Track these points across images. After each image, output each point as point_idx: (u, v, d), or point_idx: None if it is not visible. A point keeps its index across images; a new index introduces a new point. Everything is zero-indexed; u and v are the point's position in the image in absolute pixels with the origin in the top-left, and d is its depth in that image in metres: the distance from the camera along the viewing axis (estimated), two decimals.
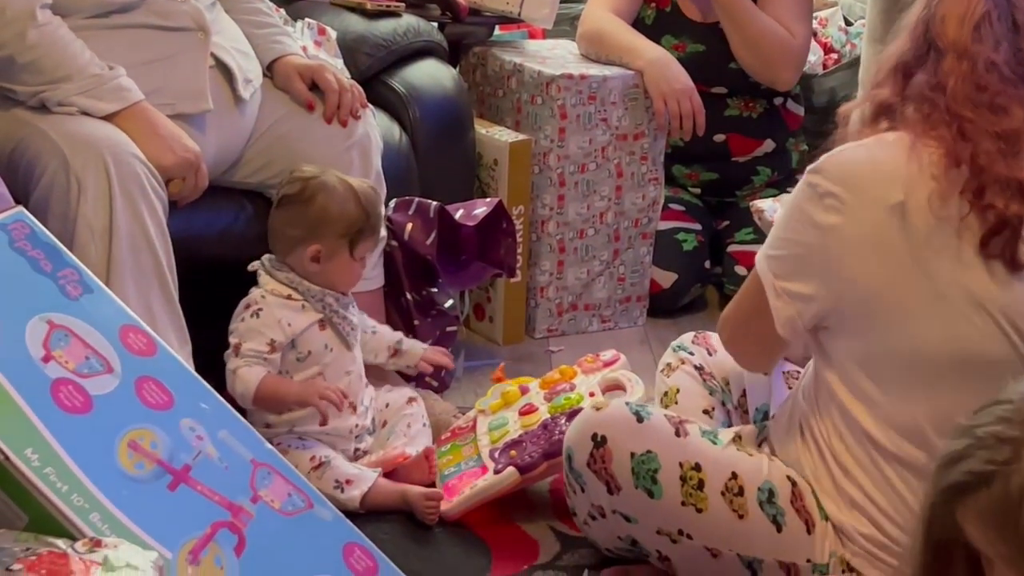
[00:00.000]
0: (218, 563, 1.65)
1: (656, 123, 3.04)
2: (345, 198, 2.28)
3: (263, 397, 2.22)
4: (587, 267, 3.10)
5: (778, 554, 1.76)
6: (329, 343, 2.29)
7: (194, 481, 1.70)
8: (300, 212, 2.27)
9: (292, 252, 2.28)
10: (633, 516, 1.81)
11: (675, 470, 1.78)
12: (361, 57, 2.85)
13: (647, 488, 1.78)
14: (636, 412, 1.84)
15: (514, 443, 2.26)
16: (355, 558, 1.81)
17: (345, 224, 2.27)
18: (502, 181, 2.96)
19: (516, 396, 2.41)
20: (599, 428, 1.83)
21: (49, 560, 1.43)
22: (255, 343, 2.23)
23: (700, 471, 1.78)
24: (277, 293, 2.27)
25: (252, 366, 2.22)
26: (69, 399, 1.65)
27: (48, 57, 2.16)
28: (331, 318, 2.29)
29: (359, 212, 2.28)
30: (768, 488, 1.78)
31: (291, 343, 2.26)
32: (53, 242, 1.81)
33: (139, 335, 1.80)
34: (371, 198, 2.32)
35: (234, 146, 2.45)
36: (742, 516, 1.77)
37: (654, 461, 1.78)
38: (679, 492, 1.77)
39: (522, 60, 3.07)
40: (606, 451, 1.81)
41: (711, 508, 1.77)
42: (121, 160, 2.12)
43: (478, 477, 2.23)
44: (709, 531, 1.77)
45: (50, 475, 1.55)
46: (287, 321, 2.25)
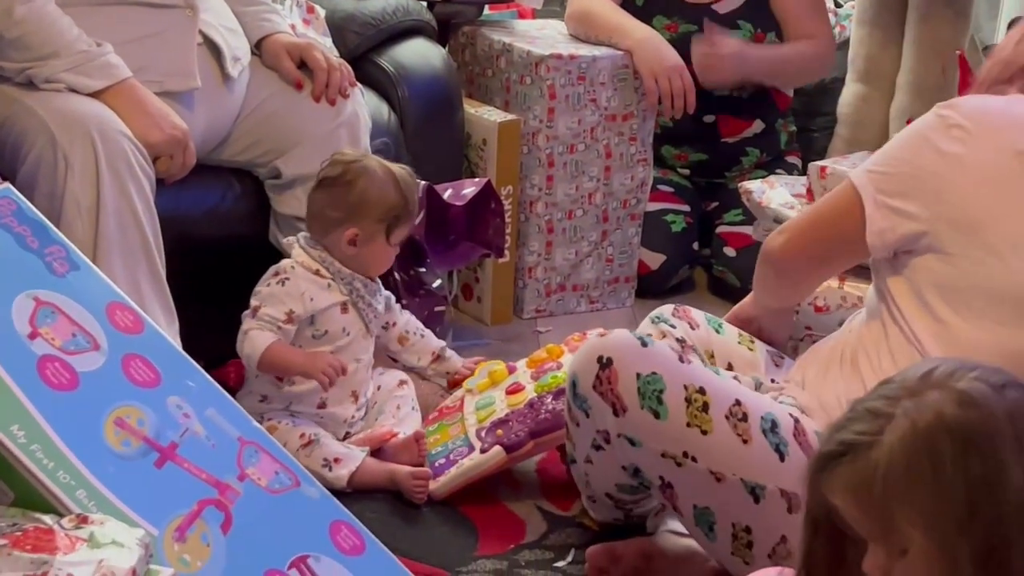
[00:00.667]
0: (204, 540, 1.64)
1: (647, 102, 3.04)
2: (385, 183, 2.29)
3: (268, 361, 2.22)
4: (575, 248, 3.10)
5: (781, 482, 1.76)
6: (348, 327, 2.29)
7: (181, 459, 1.69)
8: (341, 195, 2.28)
9: (330, 234, 2.29)
10: (638, 439, 1.81)
11: (680, 391, 1.79)
12: (350, 36, 2.84)
13: (653, 409, 1.78)
14: (640, 338, 1.85)
15: (500, 422, 2.26)
16: (342, 536, 1.81)
17: (384, 209, 2.28)
18: (491, 161, 2.96)
19: (504, 375, 2.41)
20: (605, 351, 1.83)
21: (35, 536, 1.43)
22: (274, 309, 2.23)
23: (704, 394, 1.79)
24: (307, 266, 2.28)
25: (264, 330, 2.22)
26: (55, 376, 1.64)
27: (35, 33, 2.15)
28: (356, 303, 2.29)
29: (398, 197, 2.29)
30: (771, 419, 1.80)
31: (310, 319, 2.27)
32: (40, 219, 1.81)
33: (126, 312, 1.80)
34: (409, 184, 2.33)
35: (222, 124, 2.44)
36: (746, 441, 1.77)
37: (659, 382, 1.79)
38: (684, 413, 1.78)
39: (511, 40, 3.06)
40: (612, 372, 1.81)
41: (716, 431, 1.77)
42: (108, 137, 2.11)
43: (465, 457, 2.23)
44: (714, 454, 1.78)
45: (36, 452, 1.55)
46: (310, 295, 2.26)
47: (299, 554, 1.74)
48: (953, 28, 3.52)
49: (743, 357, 2.13)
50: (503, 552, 2.09)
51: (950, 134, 1.80)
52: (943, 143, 1.80)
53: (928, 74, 3.44)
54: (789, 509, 1.77)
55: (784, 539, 1.78)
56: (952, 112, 1.82)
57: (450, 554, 2.08)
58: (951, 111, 1.82)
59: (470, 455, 2.23)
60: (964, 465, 1.10)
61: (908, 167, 1.83)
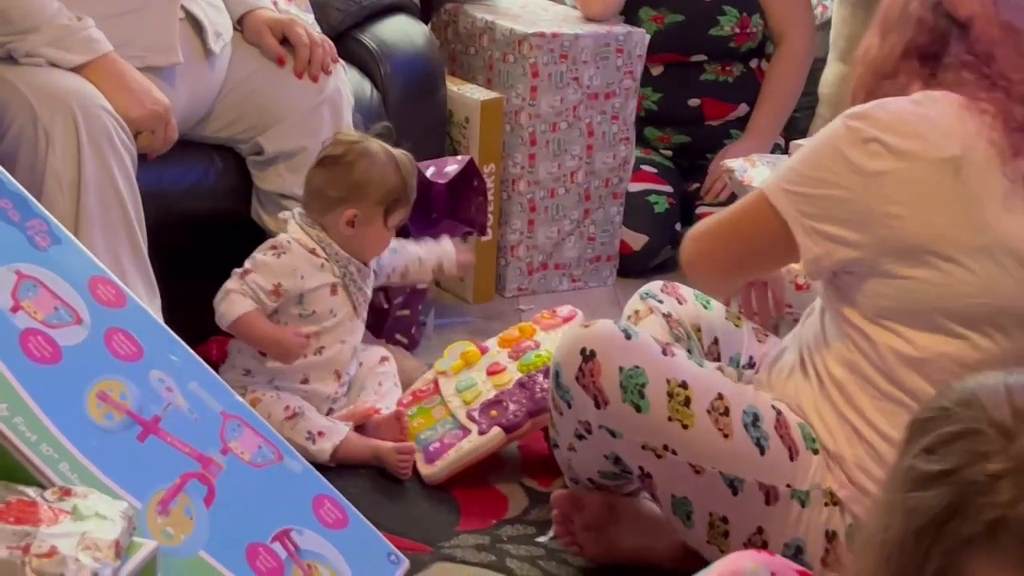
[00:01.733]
0: (188, 513, 1.65)
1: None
2: (386, 166, 2.30)
3: (238, 327, 2.23)
4: (557, 226, 3.10)
5: (759, 475, 1.77)
6: (335, 309, 2.30)
7: (164, 432, 1.69)
8: (342, 174, 2.28)
9: (329, 213, 2.29)
10: (619, 431, 1.81)
11: (662, 385, 1.79)
12: (332, 12, 2.83)
13: (634, 402, 1.78)
14: (624, 330, 1.85)
15: (493, 403, 2.26)
16: (325, 510, 1.81)
17: (384, 191, 2.29)
18: (473, 139, 2.96)
19: (476, 356, 2.41)
20: (588, 343, 1.83)
21: (18, 508, 1.43)
22: (263, 278, 2.24)
23: (687, 388, 1.79)
24: (303, 244, 2.28)
25: (246, 297, 2.23)
26: (38, 349, 1.64)
27: (15, 7, 2.14)
28: (348, 285, 2.30)
29: (398, 180, 2.30)
30: (753, 412, 1.80)
31: (299, 298, 2.27)
32: (21, 192, 1.80)
33: (108, 286, 1.79)
34: (408, 168, 2.33)
35: (204, 100, 2.43)
36: (727, 435, 1.78)
37: (642, 375, 1.79)
38: (666, 407, 1.78)
39: (494, 18, 3.06)
40: (595, 364, 1.81)
41: (697, 425, 1.78)
42: (90, 112, 2.10)
43: (460, 440, 2.23)
44: (694, 448, 1.78)
45: (19, 425, 1.54)
46: (301, 273, 2.26)
47: (282, 527, 1.74)
48: None
49: (729, 332, 2.14)
50: (485, 527, 2.10)
51: (868, 149, 1.70)
52: (863, 160, 1.70)
53: None
54: (767, 501, 1.78)
55: (760, 530, 1.79)
56: (865, 125, 1.72)
57: (432, 529, 2.08)
58: (863, 123, 1.72)
59: (467, 437, 2.22)
60: None
61: (833, 189, 1.73)
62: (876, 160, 1.70)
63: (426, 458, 2.23)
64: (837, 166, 1.72)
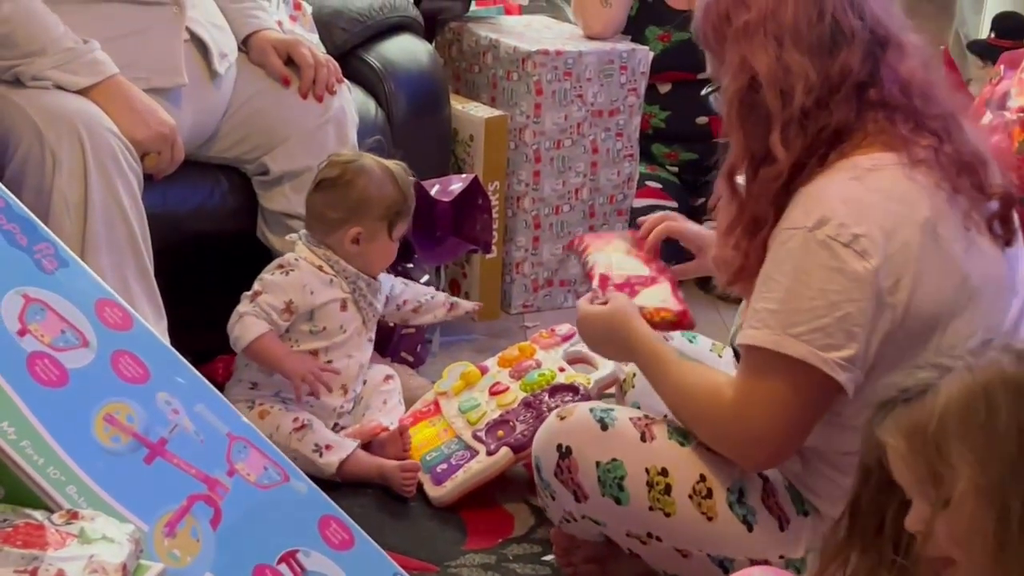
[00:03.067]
0: (194, 535, 1.65)
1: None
2: (384, 180, 2.31)
3: (254, 351, 2.24)
4: (562, 243, 3.11)
5: (749, 552, 1.74)
6: (345, 324, 2.31)
7: (170, 454, 1.70)
8: (341, 195, 2.29)
9: (332, 234, 2.31)
10: (602, 521, 1.81)
11: (641, 476, 1.75)
12: (337, 32, 2.85)
13: (614, 496, 1.76)
14: (600, 419, 1.80)
15: (499, 423, 2.26)
16: (331, 531, 1.81)
17: (385, 206, 2.30)
18: (478, 157, 2.97)
19: (477, 376, 2.41)
20: (564, 438, 1.80)
21: (26, 531, 1.44)
22: (273, 297, 2.25)
23: (667, 476, 1.75)
24: (311, 261, 2.30)
25: (259, 319, 2.23)
26: (45, 373, 1.64)
27: (22, 30, 2.15)
28: (358, 301, 2.31)
29: (397, 194, 2.31)
30: (739, 487, 1.76)
31: (309, 314, 2.28)
32: (28, 215, 1.80)
33: (115, 309, 1.80)
34: (405, 179, 2.35)
35: (209, 121, 2.44)
36: (711, 518, 1.74)
37: (620, 468, 1.76)
38: (646, 497, 1.75)
39: (498, 36, 3.07)
40: (572, 461, 1.79)
41: (679, 512, 1.75)
42: (96, 134, 2.11)
43: (467, 460, 2.23)
44: (678, 534, 1.76)
45: (26, 448, 1.55)
46: (311, 288, 2.27)
47: (288, 549, 1.74)
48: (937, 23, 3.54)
49: (715, 363, 2.11)
50: (491, 546, 2.10)
51: (851, 251, 1.56)
52: (852, 264, 1.56)
53: None
54: None
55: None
56: (831, 229, 1.57)
57: (439, 548, 2.08)
58: (829, 229, 1.57)
59: (475, 458, 2.23)
60: (1019, 415, 1.15)
61: (836, 310, 1.57)
62: (864, 259, 1.56)
63: (434, 480, 2.23)
64: (828, 284, 1.57)
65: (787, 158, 1.63)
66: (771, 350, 1.60)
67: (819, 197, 1.60)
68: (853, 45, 1.63)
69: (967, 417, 1.16)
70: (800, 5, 1.63)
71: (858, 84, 1.63)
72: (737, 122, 1.68)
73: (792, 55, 1.62)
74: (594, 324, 1.87)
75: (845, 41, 1.63)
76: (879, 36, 1.66)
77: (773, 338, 1.60)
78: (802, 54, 1.62)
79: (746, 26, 1.65)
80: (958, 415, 1.16)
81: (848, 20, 1.64)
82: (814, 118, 1.62)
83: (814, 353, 1.58)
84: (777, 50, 1.63)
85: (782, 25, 1.63)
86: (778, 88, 1.62)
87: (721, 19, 1.68)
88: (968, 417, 1.16)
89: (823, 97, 1.62)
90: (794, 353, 1.58)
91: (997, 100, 2.90)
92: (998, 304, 1.66)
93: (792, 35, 1.63)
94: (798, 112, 1.62)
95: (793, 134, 1.63)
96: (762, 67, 1.63)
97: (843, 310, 1.57)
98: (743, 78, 1.65)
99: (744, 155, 1.69)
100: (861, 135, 1.64)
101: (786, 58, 1.62)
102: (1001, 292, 1.67)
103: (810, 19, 1.63)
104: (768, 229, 1.66)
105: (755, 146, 1.66)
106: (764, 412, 1.63)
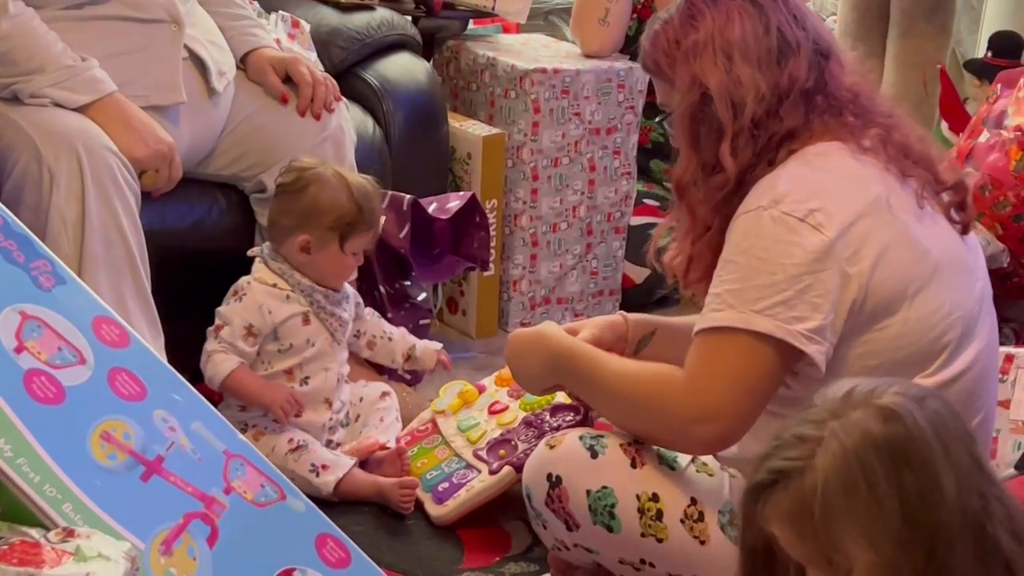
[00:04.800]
0: (191, 554, 1.65)
1: None
2: (337, 190, 2.28)
3: (229, 386, 2.24)
4: (560, 261, 3.11)
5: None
6: (311, 338, 2.29)
7: (167, 472, 1.70)
8: (292, 201, 2.28)
9: (284, 242, 2.30)
10: (594, 549, 1.80)
11: (632, 503, 1.75)
12: (335, 50, 2.85)
13: (605, 524, 1.76)
14: (590, 447, 1.79)
15: (500, 442, 2.26)
16: (328, 549, 1.81)
17: (335, 216, 2.28)
18: (475, 175, 2.97)
19: (474, 395, 2.40)
20: (553, 467, 1.79)
21: (22, 549, 1.44)
22: (234, 327, 2.24)
23: (658, 501, 1.75)
24: (262, 281, 2.29)
25: (228, 353, 2.23)
26: (42, 390, 1.65)
27: (21, 48, 2.15)
28: (318, 313, 2.29)
29: (350, 205, 2.28)
30: (729, 508, 1.76)
31: (274, 334, 2.27)
32: (26, 233, 1.81)
33: (112, 326, 1.80)
34: (366, 193, 2.31)
35: (207, 138, 2.44)
36: (703, 542, 1.74)
37: (611, 496, 1.75)
38: (638, 524, 1.75)
39: (495, 54, 3.08)
40: (562, 491, 1.78)
41: (671, 537, 1.74)
42: (94, 152, 2.11)
43: (469, 479, 2.22)
44: (671, 559, 1.75)
45: (23, 465, 1.55)
46: (268, 308, 2.26)
47: (285, 567, 1.74)
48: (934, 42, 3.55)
49: None
50: (489, 564, 2.10)
51: (806, 225, 1.58)
52: (809, 238, 1.58)
53: (910, 88, 3.47)
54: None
55: None
56: (787, 206, 1.59)
57: (436, 567, 2.08)
58: (784, 206, 1.59)
59: (477, 477, 2.22)
60: (898, 481, 1.11)
61: (806, 279, 1.58)
62: (819, 232, 1.59)
63: (435, 498, 2.22)
64: (787, 258, 1.59)
65: (734, 166, 1.67)
66: (737, 328, 1.60)
67: (772, 182, 1.64)
68: (799, 55, 1.68)
69: (849, 493, 1.11)
70: (747, 21, 1.68)
71: (805, 91, 1.68)
72: (688, 136, 1.71)
73: (742, 68, 1.66)
74: (523, 338, 1.89)
75: (792, 52, 1.68)
76: (822, 47, 1.71)
77: (739, 316, 1.60)
78: (751, 67, 1.67)
79: (695, 45, 1.69)
80: (840, 492, 1.11)
81: (793, 31, 1.68)
82: (764, 127, 1.67)
83: (780, 327, 1.59)
84: (727, 64, 1.67)
85: (730, 41, 1.67)
86: (728, 100, 1.66)
87: (671, 44, 1.72)
88: (849, 493, 1.11)
89: (773, 106, 1.67)
90: (761, 328, 1.59)
91: (994, 119, 2.91)
92: (962, 281, 1.69)
93: (741, 50, 1.67)
94: (748, 122, 1.66)
95: (743, 144, 1.67)
96: (712, 82, 1.67)
97: (804, 282, 1.59)
98: (694, 94, 1.69)
99: (693, 166, 1.72)
100: (808, 134, 1.68)
101: (736, 72, 1.66)
102: (963, 270, 1.70)
103: (757, 33, 1.67)
104: (713, 234, 1.71)
105: (705, 157, 1.70)
106: (720, 385, 1.63)
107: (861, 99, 1.72)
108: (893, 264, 1.62)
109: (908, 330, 1.64)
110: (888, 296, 1.63)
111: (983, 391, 1.72)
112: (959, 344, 1.67)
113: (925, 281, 1.64)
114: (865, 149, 1.68)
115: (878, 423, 1.13)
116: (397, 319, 2.61)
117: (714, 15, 1.68)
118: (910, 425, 1.12)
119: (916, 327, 1.64)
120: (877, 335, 1.64)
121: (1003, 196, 2.82)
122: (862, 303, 1.61)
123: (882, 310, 1.63)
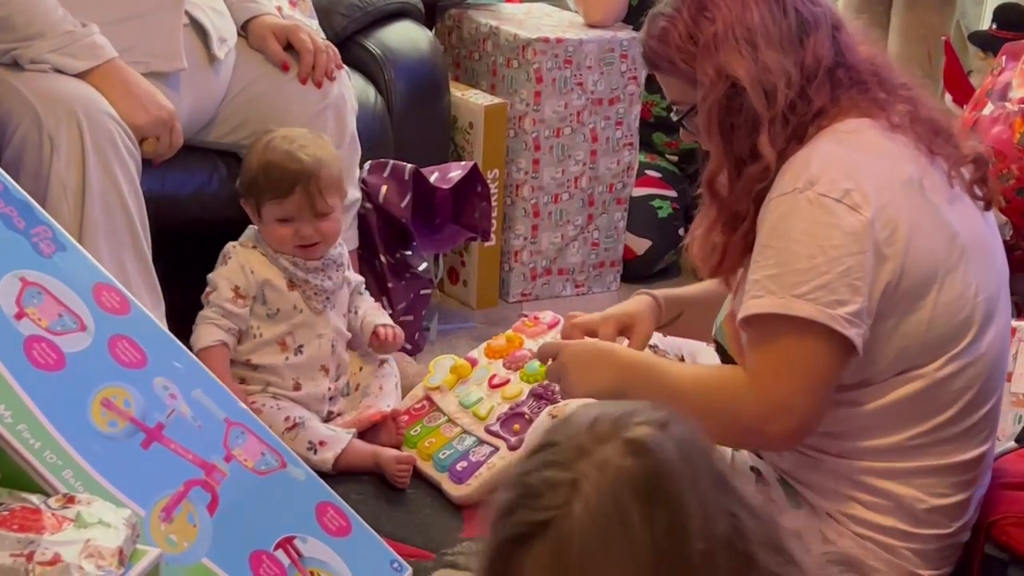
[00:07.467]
0: (191, 521, 1.65)
1: None
2: (253, 154, 2.29)
3: (203, 359, 2.16)
4: (561, 232, 3.10)
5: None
6: (298, 304, 2.29)
7: (167, 439, 1.70)
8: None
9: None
10: None
11: None
12: (336, 18, 2.84)
13: None
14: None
15: (513, 416, 2.24)
16: (328, 517, 1.81)
17: (244, 183, 2.31)
18: (477, 144, 2.96)
19: (467, 368, 2.38)
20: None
21: (22, 515, 1.43)
22: (222, 291, 2.25)
23: None
24: (246, 244, 2.30)
25: (212, 326, 2.23)
26: (42, 356, 1.64)
27: (20, 13, 2.14)
28: (292, 279, 2.29)
29: (255, 172, 2.27)
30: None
31: (262, 297, 2.27)
32: (26, 199, 1.80)
33: (112, 293, 1.80)
34: (273, 160, 2.25)
35: (208, 105, 2.43)
36: None
37: None
38: None
39: (498, 23, 3.06)
40: None
41: None
42: (94, 118, 2.10)
43: (488, 456, 2.20)
44: None
45: (23, 432, 1.55)
46: (250, 268, 2.27)
47: (285, 535, 1.74)
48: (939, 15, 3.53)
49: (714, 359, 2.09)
50: None
51: (843, 206, 1.56)
52: (847, 219, 1.56)
53: (914, 60, 3.45)
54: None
55: None
56: (823, 187, 1.57)
57: (435, 536, 2.08)
58: (820, 187, 1.57)
59: (497, 454, 2.19)
60: (650, 518, 1.03)
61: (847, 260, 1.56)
62: (857, 212, 1.56)
63: (453, 478, 2.20)
64: (833, 238, 1.57)
65: (773, 154, 1.64)
66: (779, 314, 1.57)
67: (805, 163, 1.61)
68: (819, 32, 1.66)
69: (605, 538, 1.03)
70: (762, 5, 1.65)
71: (829, 68, 1.66)
72: (719, 130, 1.67)
73: (768, 54, 1.64)
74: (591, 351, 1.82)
75: (811, 29, 1.66)
76: (834, 20, 1.70)
77: (779, 301, 1.57)
78: (776, 51, 1.64)
79: (715, 37, 1.65)
80: (596, 538, 1.03)
81: (808, 8, 1.67)
82: (797, 110, 1.64)
83: (822, 311, 1.56)
84: (752, 53, 1.64)
85: (751, 28, 1.64)
86: (761, 89, 1.63)
87: (685, 40, 1.68)
88: (606, 538, 1.03)
89: (803, 88, 1.65)
90: (802, 313, 1.56)
91: (998, 91, 2.89)
92: (985, 262, 1.68)
93: (763, 35, 1.64)
94: (783, 108, 1.64)
95: (779, 130, 1.64)
96: (741, 72, 1.64)
97: (844, 264, 1.56)
98: (721, 87, 1.65)
99: (726, 160, 1.69)
100: (836, 110, 1.66)
101: (763, 59, 1.64)
102: (987, 251, 1.69)
103: (775, 16, 1.65)
104: (747, 224, 1.67)
105: (739, 150, 1.67)
106: (784, 377, 1.59)
107: (881, 71, 1.70)
108: (925, 247, 1.61)
109: (938, 313, 1.62)
110: (920, 279, 1.61)
111: (1001, 370, 1.73)
112: (983, 325, 1.66)
113: (954, 264, 1.63)
114: (895, 126, 1.66)
115: (628, 459, 1.05)
116: (398, 289, 2.61)
117: (728, 4, 1.65)
118: (658, 456, 1.05)
119: (945, 310, 1.63)
120: (908, 318, 1.62)
121: (1007, 169, 2.81)
122: (896, 285, 1.60)
123: (914, 293, 1.61)
